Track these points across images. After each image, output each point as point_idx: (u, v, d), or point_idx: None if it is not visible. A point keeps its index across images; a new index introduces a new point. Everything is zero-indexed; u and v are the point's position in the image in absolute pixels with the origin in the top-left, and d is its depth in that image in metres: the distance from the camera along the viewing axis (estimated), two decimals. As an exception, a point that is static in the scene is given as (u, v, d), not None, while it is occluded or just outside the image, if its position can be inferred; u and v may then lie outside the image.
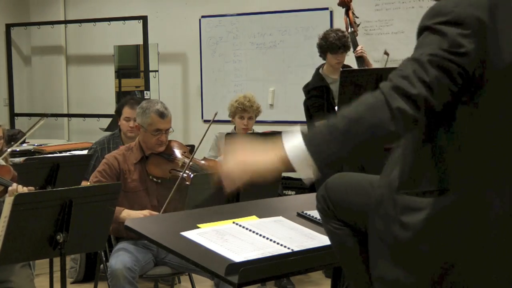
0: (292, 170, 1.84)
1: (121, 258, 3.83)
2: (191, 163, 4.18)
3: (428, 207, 1.85)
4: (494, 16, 1.80)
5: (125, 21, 7.84)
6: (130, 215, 3.94)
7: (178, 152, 4.28)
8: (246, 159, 1.93)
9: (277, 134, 5.58)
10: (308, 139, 1.82)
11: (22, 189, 3.59)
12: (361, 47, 5.20)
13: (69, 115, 8.56)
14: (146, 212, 3.99)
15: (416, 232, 1.86)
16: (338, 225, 2.21)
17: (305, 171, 1.83)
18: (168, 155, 4.24)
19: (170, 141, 4.29)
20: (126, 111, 5.19)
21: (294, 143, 1.84)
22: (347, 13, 5.29)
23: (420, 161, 1.89)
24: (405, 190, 1.90)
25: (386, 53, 5.49)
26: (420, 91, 1.73)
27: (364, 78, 4.46)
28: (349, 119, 1.77)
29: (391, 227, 1.91)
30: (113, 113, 5.92)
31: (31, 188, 3.69)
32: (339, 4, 5.32)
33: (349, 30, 5.28)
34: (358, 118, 1.76)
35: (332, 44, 5.29)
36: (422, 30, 1.84)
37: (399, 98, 1.73)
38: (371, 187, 2.11)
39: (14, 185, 3.63)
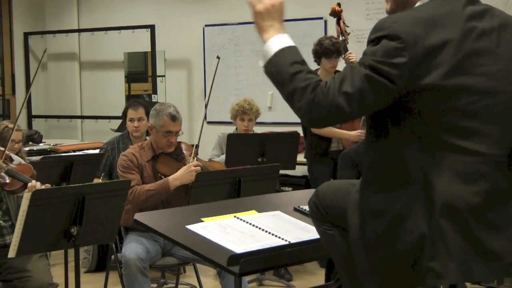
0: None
1: (134, 249, 3.83)
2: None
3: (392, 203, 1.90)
4: (432, 33, 1.86)
5: (134, 30, 7.84)
6: (175, 178, 4.01)
7: (185, 153, 4.29)
8: (262, 16, 2.04)
9: (276, 135, 5.56)
10: (276, 56, 1.97)
11: (40, 186, 3.59)
12: (350, 53, 5.20)
13: (82, 117, 8.56)
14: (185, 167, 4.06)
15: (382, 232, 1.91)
16: (328, 227, 2.23)
17: (262, 60, 2.02)
18: (176, 155, 4.25)
19: (179, 142, 4.30)
20: (130, 113, 5.23)
21: (275, 45, 1.98)
22: (338, 23, 5.29)
23: (379, 160, 1.95)
24: (369, 189, 1.96)
25: None
26: (341, 105, 1.85)
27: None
28: (289, 86, 1.92)
29: (363, 227, 1.96)
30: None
31: (48, 185, 3.69)
32: (331, 14, 5.32)
33: (341, 38, 5.28)
34: (290, 95, 1.93)
35: (327, 50, 5.30)
36: (368, 43, 1.93)
37: (322, 107, 1.87)
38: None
39: (33, 182, 3.63)
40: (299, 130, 5.59)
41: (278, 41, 1.99)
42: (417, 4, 2.00)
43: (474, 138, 1.87)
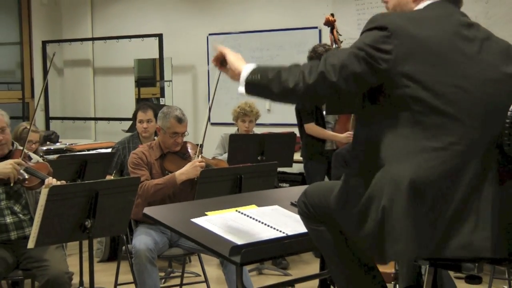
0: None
1: (143, 241, 3.82)
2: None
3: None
4: (419, 28, 1.92)
5: (144, 38, 7.84)
6: (182, 173, 4.01)
7: (191, 152, 4.29)
8: (231, 56, 2.20)
9: (274, 135, 5.56)
10: (254, 68, 2.07)
11: (56, 182, 3.59)
12: None
13: (95, 119, 8.56)
14: (190, 163, 4.06)
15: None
16: (317, 225, 2.23)
17: (241, 86, 2.10)
18: (182, 154, 4.25)
19: (185, 142, 4.29)
20: (139, 115, 5.23)
21: (250, 66, 2.09)
22: (332, 32, 5.28)
23: (361, 145, 1.99)
24: (352, 172, 1.99)
25: None
26: (326, 72, 1.90)
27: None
28: (274, 77, 1.98)
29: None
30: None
31: (63, 181, 3.69)
32: (325, 24, 5.31)
33: (334, 46, 5.27)
34: (277, 81, 1.97)
35: (320, 56, 5.25)
36: (361, 35, 1.98)
37: (309, 75, 1.92)
38: None
39: (50, 178, 3.63)
40: (296, 131, 5.59)
41: (249, 65, 2.11)
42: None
43: (444, 128, 1.89)
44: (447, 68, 1.90)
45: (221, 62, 2.24)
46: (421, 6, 2.04)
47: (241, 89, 2.08)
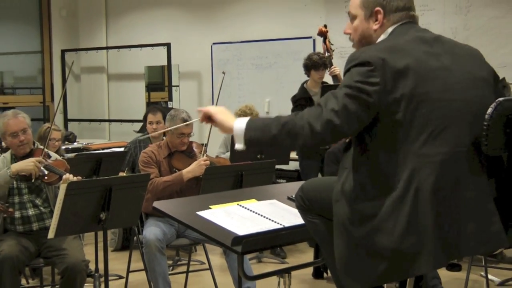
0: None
1: (153, 231, 3.82)
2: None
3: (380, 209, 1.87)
4: (395, 57, 1.87)
5: (153, 47, 7.83)
6: (188, 171, 4.01)
7: (196, 151, 4.28)
8: (219, 115, 2.05)
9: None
10: (248, 124, 1.94)
11: (73, 178, 3.59)
12: (334, 67, 5.18)
13: (109, 121, 8.55)
14: (196, 162, 4.05)
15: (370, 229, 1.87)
16: (313, 217, 2.22)
17: (239, 143, 1.95)
18: (188, 152, 4.24)
19: (190, 141, 4.29)
20: (149, 117, 5.23)
21: (242, 122, 1.96)
22: (324, 41, 5.27)
23: (366, 172, 1.92)
24: (358, 198, 1.91)
25: None
26: (331, 119, 1.84)
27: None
28: (279, 131, 1.89)
29: (349, 225, 1.93)
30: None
31: (79, 177, 3.68)
32: (318, 34, 5.31)
33: (326, 54, 5.27)
34: (284, 136, 1.89)
35: (315, 63, 5.29)
36: (344, 74, 1.92)
37: (316, 125, 1.85)
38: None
39: (67, 174, 3.63)
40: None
41: (239, 120, 1.98)
42: (378, 41, 2.03)
43: (435, 140, 1.87)
44: (430, 86, 1.88)
45: (208, 118, 2.09)
46: (386, 34, 2.00)
47: (239, 146, 1.95)
